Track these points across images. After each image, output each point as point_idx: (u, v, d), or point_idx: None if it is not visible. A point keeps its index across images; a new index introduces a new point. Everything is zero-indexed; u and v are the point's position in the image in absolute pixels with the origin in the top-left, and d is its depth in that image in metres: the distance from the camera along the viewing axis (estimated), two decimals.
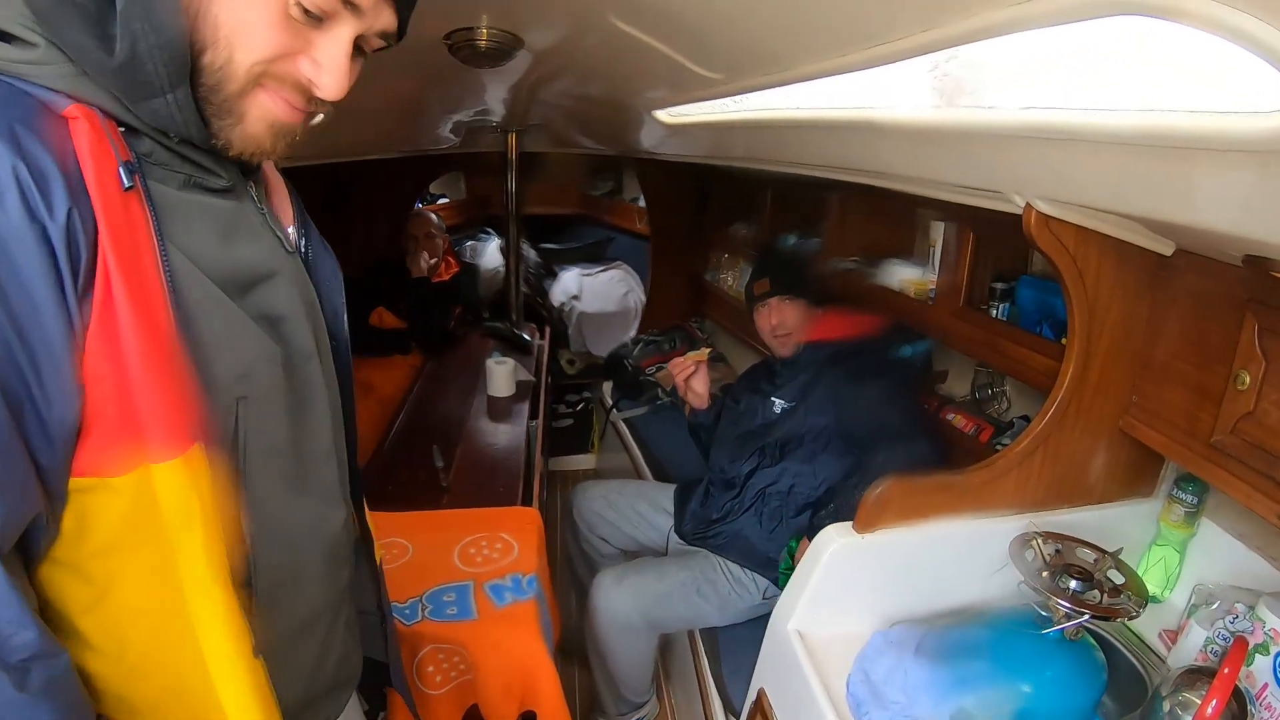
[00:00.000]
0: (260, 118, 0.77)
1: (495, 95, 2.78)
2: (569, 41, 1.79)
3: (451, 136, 3.66)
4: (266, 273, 0.86)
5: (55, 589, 0.74)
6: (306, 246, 0.99)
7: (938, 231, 2.25)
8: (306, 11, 0.72)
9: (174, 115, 0.71)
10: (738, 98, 1.70)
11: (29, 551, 0.70)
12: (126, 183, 0.68)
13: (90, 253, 0.65)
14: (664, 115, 2.29)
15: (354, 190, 3.96)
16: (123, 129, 0.70)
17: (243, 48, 0.71)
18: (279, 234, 0.92)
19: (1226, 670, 1.12)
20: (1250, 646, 1.29)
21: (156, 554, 0.73)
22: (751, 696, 1.83)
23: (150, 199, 0.70)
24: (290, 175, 1.07)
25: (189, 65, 0.70)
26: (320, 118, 0.84)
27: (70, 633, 0.75)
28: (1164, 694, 1.26)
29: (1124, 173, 1.07)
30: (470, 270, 4.59)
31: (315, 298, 0.98)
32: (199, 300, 0.75)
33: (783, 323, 2.36)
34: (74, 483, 0.70)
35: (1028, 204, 1.40)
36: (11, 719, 0.64)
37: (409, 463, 2.68)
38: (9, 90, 0.65)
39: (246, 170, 0.88)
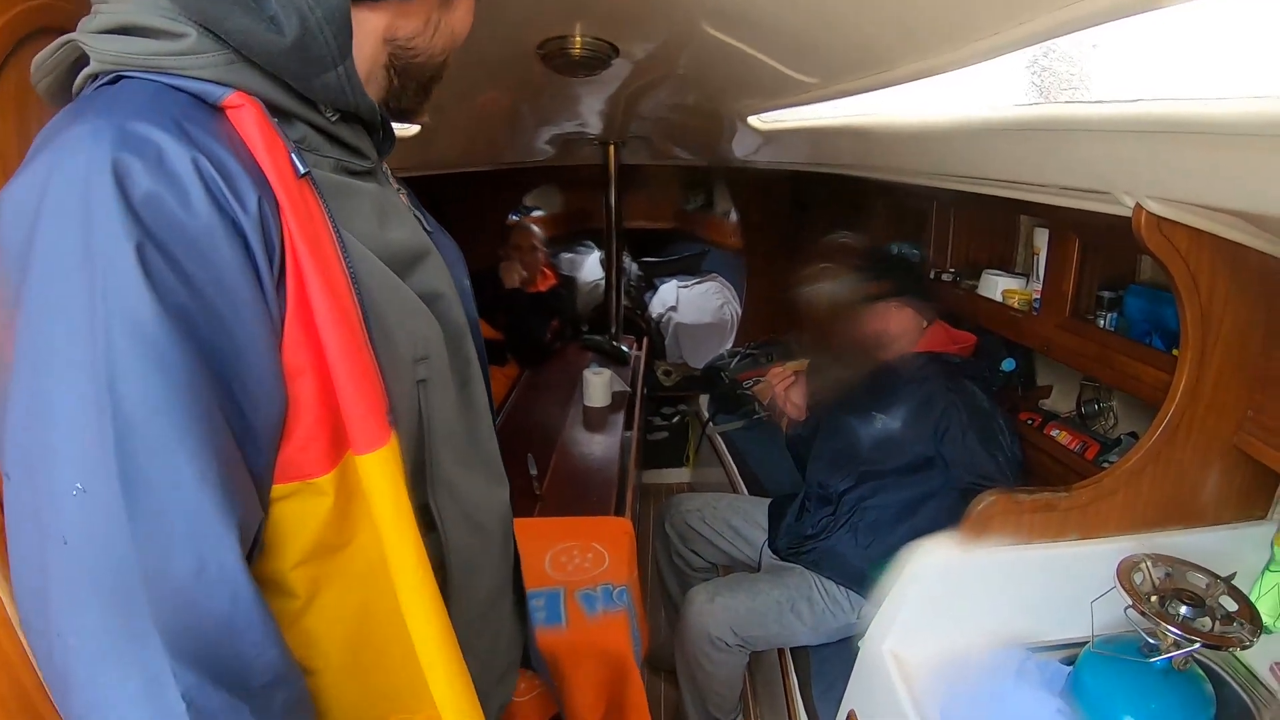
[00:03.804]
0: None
1: (590, 107, 2.81)
2: (661, 49, 1.80)
3: (547, 149, 3.71)
4: (421, 251, 0.85)
5: None
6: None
7: (1041, 238, 2.17)
8: None
9: (344, 87, 0.70)
10: (834, 102, 1.67)
11: None
12: (301, 168, 0.65)
13: (280, 242, 0.63)
14: (757, 121, 2.27)
15: (450, 203, 4.02)
16: (275, 118, 0.67)
17: (461, 34, 0.84)
18: (418, 214, 0.91)
19: None
20: None
21: (359, 553, 0.71)
22: (841, 718, 1.78)
23: (317, 184, 0.68)
24: None
25: (352, 34, 0.68)
26: None
27: None
28: None
29: (1243, 166, 1.01)
30: (568, 283, 4.63)
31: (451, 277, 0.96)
32: (375, 284, 0.73)
33: (895, 329, 2.29)
34: (275, 490, 0.67)
35: (1137, 204, 1.34)
36: None
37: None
38: (157, 89, 0.62)
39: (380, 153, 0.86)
